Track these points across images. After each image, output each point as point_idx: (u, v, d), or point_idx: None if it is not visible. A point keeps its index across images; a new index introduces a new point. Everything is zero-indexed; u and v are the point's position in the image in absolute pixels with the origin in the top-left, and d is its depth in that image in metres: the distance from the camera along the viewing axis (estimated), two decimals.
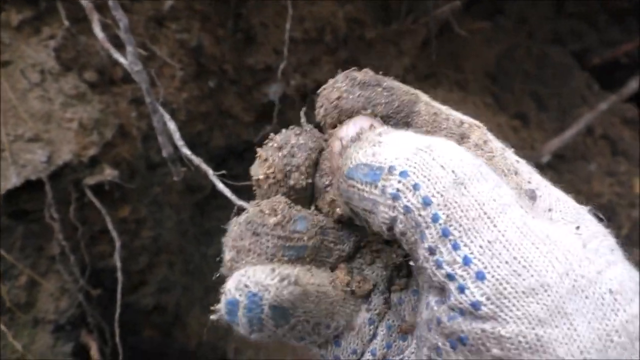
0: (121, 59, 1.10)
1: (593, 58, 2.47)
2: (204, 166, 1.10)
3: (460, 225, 0.27)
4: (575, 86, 2.43)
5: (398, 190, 0.28)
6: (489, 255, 0.26)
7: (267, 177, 0.35)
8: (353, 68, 0.36)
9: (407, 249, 0.30)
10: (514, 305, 0.26)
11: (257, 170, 0.35)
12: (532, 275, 0.26)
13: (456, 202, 0.27)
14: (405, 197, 0.28)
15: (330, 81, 0.35)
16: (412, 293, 0.36)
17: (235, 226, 0.33)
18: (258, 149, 0.36)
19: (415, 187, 0.27)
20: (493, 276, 0.26)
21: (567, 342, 0.25)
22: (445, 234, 0.27)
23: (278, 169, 0.35)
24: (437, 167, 0.28)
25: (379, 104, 0.35)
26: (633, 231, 2.36)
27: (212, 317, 0.31)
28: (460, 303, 0.26)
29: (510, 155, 0.35)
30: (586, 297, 0.26)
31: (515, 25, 2.45)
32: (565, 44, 2.46)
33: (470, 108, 2.26)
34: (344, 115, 0.34)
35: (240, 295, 0.29)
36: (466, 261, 0.26)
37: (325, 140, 0.36)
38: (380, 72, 0.38)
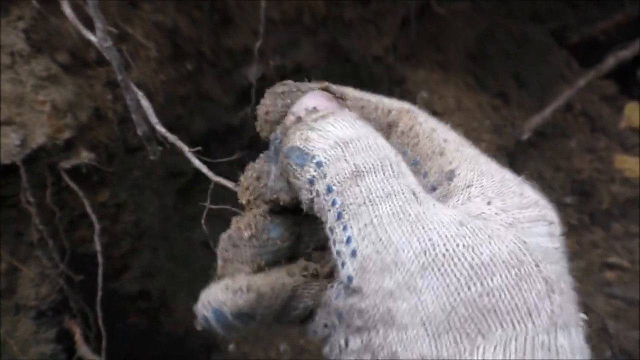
0: (91, 37, 1.09)
1: (572, 36, 2.49)
2: (179, 143, 1.10)
3: (350, 210, 0.31)
4: (555, 64, 2.45)
5: (313, 177, 0.33)
6: (362, 235, 0.30)
7: (249, 202, 0.41)
8: (281, 83, 0.40)
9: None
10: (372, 279, 0.29)
11: (241, 196, 0.42)
12: (389, 254, 0.29)
13: (350, 191, 0.31)
14: (317, 183, 0.33)
15: (261, 100, 0.40)
16: None
17: (222, 240, 0.40)
18: (241, 176, 0.42)
19: (325, 176, 0.32)
20: (361, 254, 0.30)
21: (412, 314, 0.28)
22: (339, 217, 0.31)
23: (258, 194, 0.41)
24: (343, 160, 0.32)
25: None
26: (613, 206, 2.41)
27: (198, 327, 0.38)
28: (341, 276, 0.31)
29: (438, 135, 0.38)
30: (441, 274, 0.28)
31: (495, 5, 2.46)
32: (544, 23, 2.48)
33: (451, 88, 2.27)
34: (275, 126, 0.39)
35: (207, 311, 0.36)
36: (348, 240, 0.31)
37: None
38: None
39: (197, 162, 1.08)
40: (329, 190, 0.32)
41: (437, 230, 0.30)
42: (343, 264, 0.31)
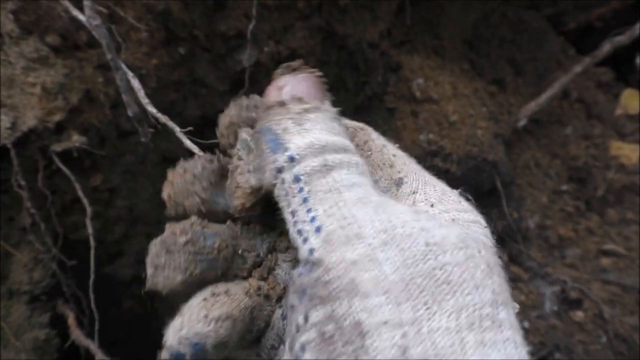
0: (80, 16, 1.07)
1: (568, 22, 2.48)
2: (171, 124, 1.08)
3: (317, 195, 0.34)
4: (551, 51, 2.45)
5: (282, 166, 0.35)
6: (327, 214, 0.33)
7: (169, 197, 0.40)
8: (248, 96, 0.42)
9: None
10: (336, 251, 0.31)
11: (164, 191, 0.41)
12: (352, 229, 0.32)
13: (318, 180, 0.34)
14: (285, 172, 0.35)
15: (225, 110, 0.42)
16: None
17: (153, 246, 0.38)
18: (169, 171, 0.41)
19: (293, 167, 0.35)
20: (326, 229, 0.32)
21: (374, 283, 0.30)
22: (304, 201, 0.34)
23: (180, 193, 0.40)
24: (314, 157, 0.35)
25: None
26: (609, 193, 2.41)
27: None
28: (303, 252, 0.32)
29: (388, 150, 0.42)
30: (400, 249, 0.31)
31: None
32: (540, 9, 2.46)
33: (447, 74, 2.26)
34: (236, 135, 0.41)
35: (183, 348, 0.35)
36: (312, 220, 0.33)
37: (228, 164, 0.41)
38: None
39: (188, 143, 1.06)
40: (297, 180, 0.34)
41: (395, 215, 0.33)
42: (305, 240, 0.33)
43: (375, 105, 2.24)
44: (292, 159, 0.35)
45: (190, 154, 1.19)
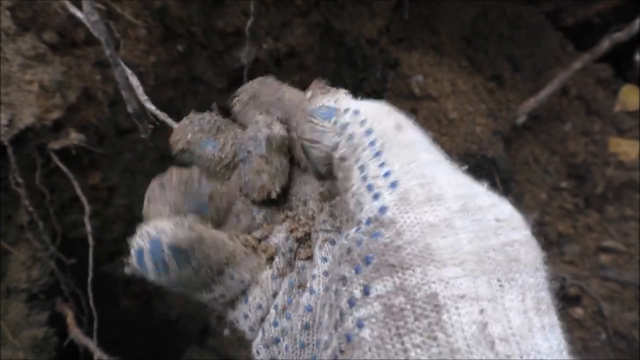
0: (77, 13, 1.07)
1: (566, 18, 2.47)
2: (169, 121, 1.08)
3: (391, 150, 0.31)
4: (550, 47, 2.44)
5: (348, 122, 0.33)
6: (405, 170, 0.30)
7: (176, 134, 0.42)
8: (268, 76, 0.43)
9: (339, 177, 0.34)
10: (412, 211, 0.29)
11: (177, 142, 0.43)
12: (432, 189, 0.29)
13: (392, 136, 0.32)
14: (352, 127, 0.33)
15: (250, 82, 0.43)
16: (318, 261, 0.39)
17: (152, 182, 0.40)
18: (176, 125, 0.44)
19: (363, 122, 0.33)
20: (403, 185, 0.30)
21: (451, 251, 0.28)
22: (377, 155, 0.31)
23: (185, 139, 0.42)
24: (385, 113, 0.34)
25: (265, 94, 0.41)
26: (607, 189, 2.41)
27: (126, 270, 0.36)
28: (371, 211, 0.30)
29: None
30: (473, 220, 0.29)
31: None
32: (538, 5, 2.46)
33: (445, 71, 2.25)
34: (252, 100, 0.42)
35: (143, 241, 0.34)
36: (386, 174, 0.30)
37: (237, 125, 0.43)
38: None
39: None
40: (368, 132, 0.32)
41: (467, 185, 0.31)
42: (377, 196, 0.30)
43: None
44: (357, 112, 0.33)
45: None
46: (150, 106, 1.11)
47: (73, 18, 1.33)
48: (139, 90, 1.09)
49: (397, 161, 0.31)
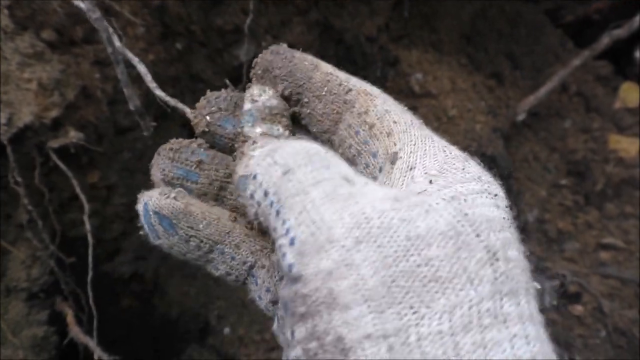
0: (80, 3, 1.06)
1: (566, 15, 2.47)
2: (181, 105, 1.06)
3: (285, 204, 0.31)
4: (549, 44, 2.44)
5: (253, 190, 0.34)
6: (298, 222, 0.30)
7: (195, 117, 0.43)
8: (280, 44, 0.44)
9: None
10: (310, 262, 0.28)
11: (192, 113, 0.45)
12: (322, 233, 0.29)
13: (283, 187, 0.31)
14: (256, 194, 0.33)
15: (263, 52, 0.44)
16: None
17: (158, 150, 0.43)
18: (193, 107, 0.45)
19: (260, 184, 0.33)
20: (298, 239, 0.29)
21: (353, 291, 0.27)
22: (277, 214, 0.31)
23: (205, 121, 0.43)
24: (273, 164, 0.33)
25: (277, 67, 0.42)
26: (607, 187, 2.41)
27: (141, 232, 0.41)
28: (284, 268, 0.30)
29: (390, 117, 0.39)
30: (378, 246, 0.28)
31: None
32: (538, 2, 2.46)
33: (445, 69, 2.25)
34: (266, 74, 0.43)
35: (139, 206, 0.40)
36: (287, 231, 0.30)
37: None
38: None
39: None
40: (266, 194, 0.32)
41: (370, 204, 0.29)
42: (284, 255, 0.30)
43: None
44: (255, 177, 0.34)
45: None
46: (160, 93, 1.10)
47: (71, 16, 1.33)
48: (148, 78, 1.08)
49: (291, 214, 0.30)
